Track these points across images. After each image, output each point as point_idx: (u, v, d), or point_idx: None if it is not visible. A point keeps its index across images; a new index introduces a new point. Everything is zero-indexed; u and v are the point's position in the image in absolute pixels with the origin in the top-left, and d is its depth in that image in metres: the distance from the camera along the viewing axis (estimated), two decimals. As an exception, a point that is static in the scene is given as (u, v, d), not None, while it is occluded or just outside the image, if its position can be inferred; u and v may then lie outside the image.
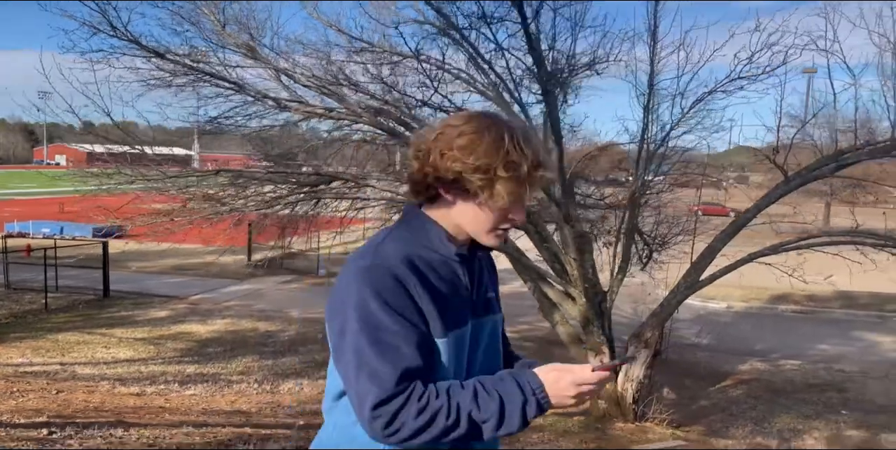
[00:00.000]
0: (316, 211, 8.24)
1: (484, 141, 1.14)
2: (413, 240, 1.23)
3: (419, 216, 1.27)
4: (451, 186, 1.19)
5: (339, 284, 1.18)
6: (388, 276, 1.13)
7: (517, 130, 1.18)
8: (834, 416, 8.64)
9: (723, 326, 14.45)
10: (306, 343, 11.25)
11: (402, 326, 1.12)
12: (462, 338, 1.23)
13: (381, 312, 1.11)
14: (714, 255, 7.29)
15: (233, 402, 6.74)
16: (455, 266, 1.25)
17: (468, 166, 1.14)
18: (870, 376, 10.61)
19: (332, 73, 7.35)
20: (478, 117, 1.21)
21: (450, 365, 1.20)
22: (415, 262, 1.18)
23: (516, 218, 1.24)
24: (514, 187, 1.16)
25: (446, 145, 1.16)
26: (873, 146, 6.94)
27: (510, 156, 1.14)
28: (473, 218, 1.22)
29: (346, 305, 1.14)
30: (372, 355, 1.10)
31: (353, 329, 1.12)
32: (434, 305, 1.17)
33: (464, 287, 1.27)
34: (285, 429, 4.98)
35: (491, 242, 1.26)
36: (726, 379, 10.30)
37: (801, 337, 13.43)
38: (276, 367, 9.71)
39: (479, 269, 1.34)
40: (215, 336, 11.51)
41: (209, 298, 14.94)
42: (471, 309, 1.28)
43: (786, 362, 11.38)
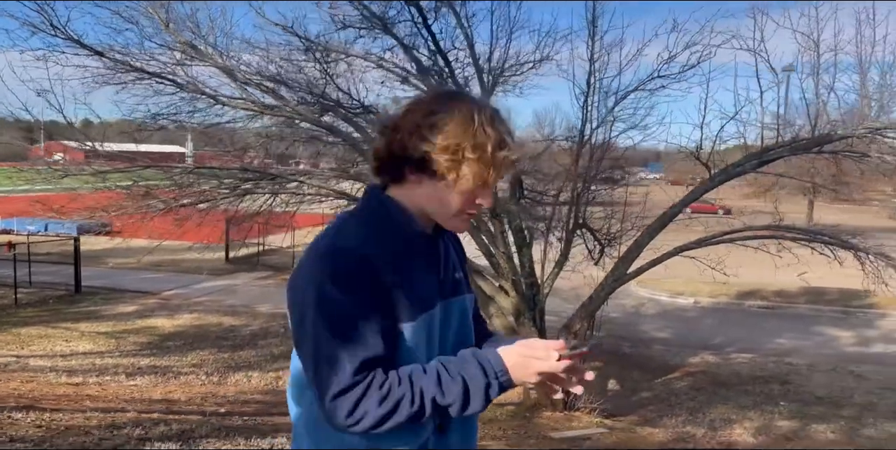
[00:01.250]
0: (272, 207, 8.48)
1: (453, 120, 1.12)
2: (376, 220, 1.20)
3: (382, 197, 1.23)
4: (416, 167, 1.15)
5: (299, 269, 1.14)
6: (348, 258, 1.10)
7: (486, 109, 1.15)
8: (771, 407, 8.83)
9: (686, 321, 14.65)
10: (267, 337, 11.46)
11: (364, 312, 1.09)
12: (431, 321, 1.20)
13: (341, 298, 1.07)
14: (640, 249, 7.47)
15: (169, 392, 6.94)
16: (421, 246, 1.23)
17: (436, 146, 1.11)
18: (817, 369, 10.80)
19: (271, 72, 7.53)
20: (447, 96, 1.20)
21: (419, 349, 1.17)
22: (378, 243, 1.14)
23: (483, 202, 1.21)
24: (481, 169, 1.13)
25: (414, 124, 1.13)
26: (795, 143, 7.13)
27: (478, 136, 1.12)
28: (439, 201, 1.19)
29: (304, 290, 1.10)
30: (331, 344, 1.07)
31: (311, 316, 1.08)
32: (400, 288, 1.13)
33: (431, 268, 1.24)
34: (199, 415, 5.18)
35: (456, 226, 1.24)
36: (674, 371, 10.48)
37: (761, 332, 13.62)
38: (230, 360, 9.91)
39: (445, 248, 1.31)
40: (179, 330, 11.72)
41: (181, 294, 15.16)
42: (439, 291, 1.24)
43: (738, 356, 11.57)
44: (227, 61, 7.61)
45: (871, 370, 10.79)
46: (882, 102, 8.20)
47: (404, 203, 1.21)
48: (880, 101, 8.31)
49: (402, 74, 6.10)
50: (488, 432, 6.25)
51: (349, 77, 8.01)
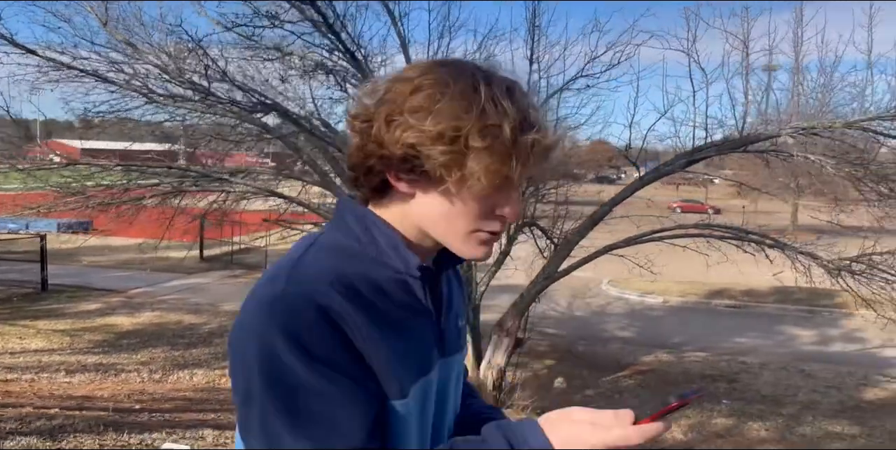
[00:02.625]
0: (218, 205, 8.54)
1: (447, 96, 0.78)
2: (352, 249, 0.87)
3: (361, 213, 0.89)
4: (403, 170, 0.82)
5: (240, 322, 0.81)
6: (307, 308, 0.77)
7: (495, 80, 0.81)
8: (712, 405, 8.87)
9: (650, 320, 14.70)
10: (224, 335, 11.49)
11: (335, 387, 0.76)
12: (427, 390, 0.89)
13: (299, 367, 0.75)
14: (571, 247, 7.51)
15: (98, 389, 7.00)
16: (414, 286, 0.88)
17: (425, 135, 0.78)
18: (768, 367, 10.85)
19: (208, 70, 7.57)
20: (439, 65, 0.83)
21: (412, 432, 0.86)
22: (354, 283, 0.82)
23: (506, 212, 0.85)
24: (495, 162, 0.79)
25: (395, 108, 0.80)
26: (723, 143, 7.17)
27: (487, 116, 0.78)
28: (441, 216, 0.84)
29: (247, 355, 0.78)
30: (287, 437, 0.75)
31: (259, 392, 0.76)
32: (386, 350, 0.81)
33: (428, 315, 0.91)
34: (103, 412, 5.22)
35: (472, 252, 0.87)
36: (625, 370, 10.53)
37: (723, 330, 13.67)
38: (180, 358, 9.95)
39: (448, 287, 0.99)
40: (137, 328, 11.76)
41: (148, 292, 15.20)
42: (438, 346, 0.92)
43: (692, 354, 11.62)
44: (164, 59, 7.67)
45: (821, 369, 10.84)
46: (822, 102, 8.29)
47: (395, 223, 0.88)
48: (821, 101, 8.39)
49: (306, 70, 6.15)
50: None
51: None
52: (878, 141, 7.18)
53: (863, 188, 6.88)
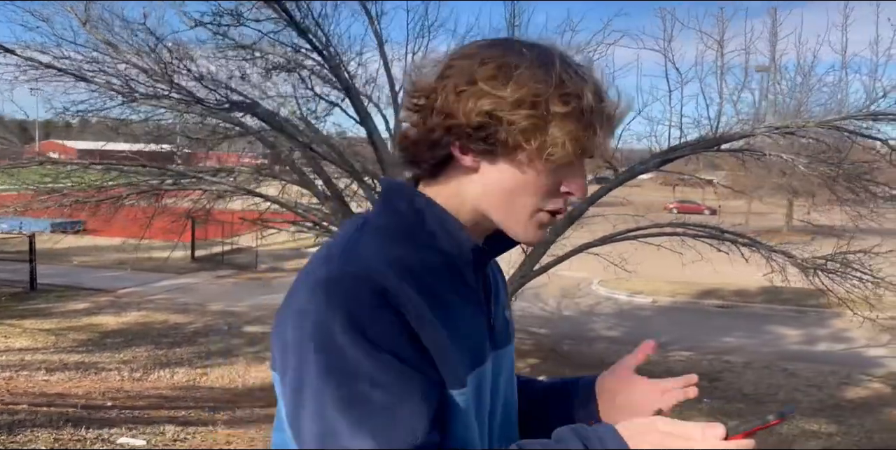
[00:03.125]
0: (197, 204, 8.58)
1: (523, 63, 0.76)
2: (402, 231, 0.83)
3: (410, 194, 0.85)
4: (473, 139, 0.78)
5: (291, 304, 0.76)
6: (367, 290, 0.73)
7: (566, 56, 0.80)
8: (691, 403, 8.87)
9: (639, 320, 14.73)
10: (208, 334, 11.55)
11: (395, 374, 0.72)
12: (482, 383, 0.84)
13: (358, 352, 0.71)
14: (547, 246, 7.53)
15: (73, 387, 7.03)
16: (465, 271, 0.85)
17: (505, 102, 0.75)
18: (751, 366, 10.88)
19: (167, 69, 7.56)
20: (502, 41, 0.83)
21: (472, 425, 0.81)
22: (408, 265, 0.78)
23: (574, 188, 0.83)
24: (579, 128, 0.77)
25: (465, 79, 0.77)
26: (696, 142, 7.21)
27: (565, 84, 0.76)
28: (505, 191, 0.80)
29: (300, 339, 0.73)
30: (344, 427, 0.70)
31: (313, 380, 0.71)
32: (445, 337, 0.77)
33: (479, 304, 0.87)
34: (72, 408, 5.25)
35: (529, 234, 0.84)
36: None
37: (711, 330, 13.69)
38: (163, 357, 9.98)
39: (494, 277, 0.95)
40: (122, 328, 11.79)
41: (137, 292, 15.24)
42: (489, 337, 0.88)
43: (677, 354, 11.64)
44: (145, 60, 7.70)
45: (805, 368, 10.87)
46: (800, 101, 8.31)
47: (447, 205, 0.83)
48: (799, 100, 8.41)
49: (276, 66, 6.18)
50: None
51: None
52: (852, 140, 7.20)
53: (836, 188, 6.91)
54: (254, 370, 9.52)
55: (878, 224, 7.89)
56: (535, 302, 15.19)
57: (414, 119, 0.82)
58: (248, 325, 12.34)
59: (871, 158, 7.62)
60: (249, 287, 16.44)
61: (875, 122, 7.16)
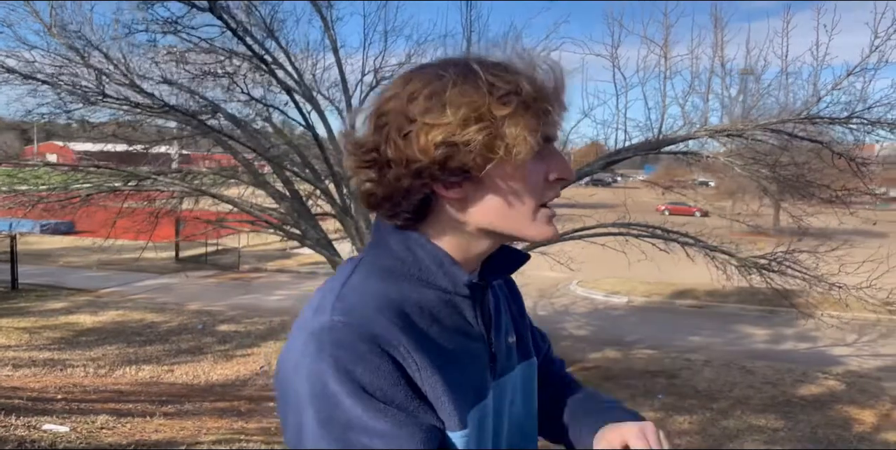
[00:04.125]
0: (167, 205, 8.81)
1: (447, 85, 0.77)
2: (396, 271, 0.83)
3: (401, 233, 0.85)
4: (446, 173, 0.78)
5: (287, 357, 0.78)
6: (357, 339, 0.74)
7: (484, 60, 0.80)
8: (645, 399, 9.11)
9: (610, 319, 14.93)
10: (182, 333, 11.75)
11: (392, 422, 0.73)
12: (483, 418, 0.85)
13: (353, 403, 0.72)
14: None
15: (32, 382, 7.24)
16: (462, 305, 0.86)
17: (452, 126, 0.76)
18: (711, 364, 11.07)
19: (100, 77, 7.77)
20: (418, 69, 0.82)
21: None
22: (401, 308, 0.79)
23: (559, 172, 0.84)
24: (530, 119, 0.78)
25: (401, 122, 0.77)
26: (639, 145, 7.43)
27: (497, 86, 0.77)
28: (504, 203, 0.81)
29: (297, 391, 0.74)
30: None
31: (313, 433, 0.73)
32: (441, 378, 0.78)
33: (478, 336, 0.88)
34: (18, 399, 5.46)
35: (541, 231, 0.84)
36: (570, 366, 10.69)
37: (680, 329, 13.90)
38: (133, 354, 10.20)
39: (495, 303, 0.95)
40: (98, 326, 12.00)
41: (118, 291, 15.45)
42: (490, 369, 0.89)
43: (641, 352, 11.85)
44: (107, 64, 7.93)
45: (764, 366, 11.07)
46: (751, 105, 8.53)
47: (438, 240, 0.85)
48: (751, 104, 8.64)
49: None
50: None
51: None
52: (792, 143, 7.41)
53: (771, 189, 7.11)
54: (219, 367, 9.74)
55: (825, 223, 8.10)
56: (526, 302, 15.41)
57: (371, 176, 0.81)
58: (222, 324, 12.56)
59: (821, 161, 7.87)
60: (230, 287, 16.67)
61: (814, 125, 7.39)
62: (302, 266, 19.15)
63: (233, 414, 6.06)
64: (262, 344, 11.05)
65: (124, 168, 7.13)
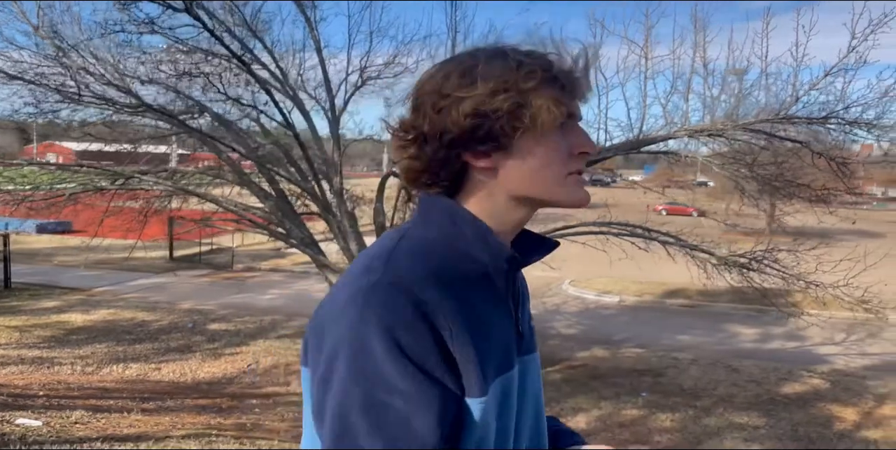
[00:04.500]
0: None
1: (479, 63, 0.84)
2: (441, 243, 0.87)
3: (447, 206, 0.89)
4: (477, 141, 0.84)
5: (330, 309, 0.82)
6: (404, 301, 0.77)
7: (512, 46, 0.87)
8: (629, 397, 9.17)
9: (601, 318, 14.99)
10: (171, 332, 11.82)
11: (417, 386, 0.76)
12: (508, 387, 0.88)
13: (386, 360, 0.75)
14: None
15: (17, 379, 7.30)
16: (497, 279, 0.89)
17: (480, 96, 0.83)
18: (698, 362, 11.13)
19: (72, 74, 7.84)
20: (452, 57, 0.90)
21: (489, 428, 0.85)
22: (445, 277, 0.82)
23: (583, 146, 0.89)
24: (554, 91, 0.84)
25: (439, 97, 0.84)
26: (620, 145, 7.49)
27: (524, 65, 0.83)
28: (534, 168, 0.86)
29: (335, 341, 0.78)
30: (362, 428, 0.75)
31: (341, 380, 0.77)
32: (470, 347, 0.81)
33: (508, 311, 0.91)
34: (1, 396, 5.53)
35: (573, 195, 0.89)
36: (557, 365, 10.81)
37: (670, 328, 13.96)
38: (122, 352, 10.26)
39: (522, 285, 0.99)
40: (88, 325, 12.06)
41: (111, 290, 15.53)
42: (517, 344, 0.92)
43: (629, 351, 11.91)
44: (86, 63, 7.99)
45: (750, 365, 11.13)
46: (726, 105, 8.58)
47: (479, 213, 0.88)
48: (726, 103, 8.70)
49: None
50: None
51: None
52: (772, 143, 7.47)
53: (749, 188, 7.18)
54: (207, 366, 9.81)
55: (802, 222, 8.17)
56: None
57: (411, 152, 0.87)
58: (213, 322, 12.62)
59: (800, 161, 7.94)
60: (223, 286, 16.74)
61: (794, 125, 7.46)
62: (296, 265, 19.21)
63: (213, 411, 6.13)
64: (251, 343, 11.11)
65: (109, 167, 7.19)
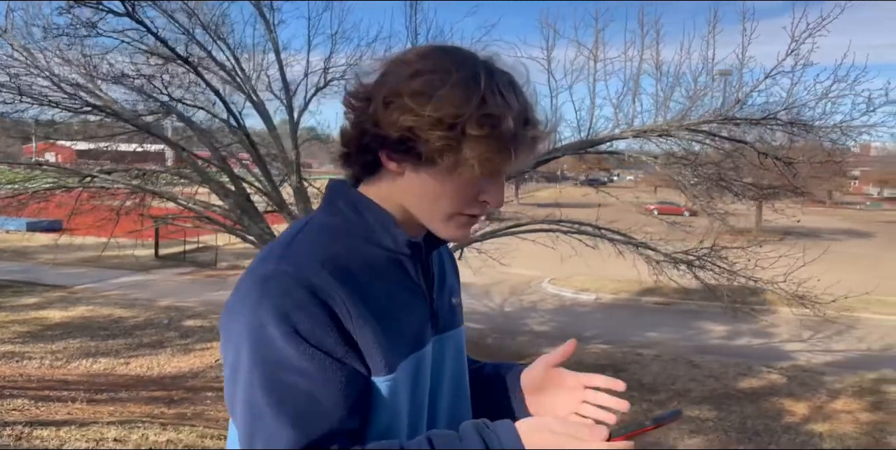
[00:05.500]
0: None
1: (448, 82, 0.82)
2: (343, 229, 0.91)
3: (351, 195, 0.93)
4: (396, 150, 0.85)
5: (233, 299, 0.85)
6: (299, 287, 0.81)
7: (497, 71, 0.85)
8: (586, 392, 9.36)
9: (575, 316, 15.20)
10: (147, 328, 12.03)
11: (318, 365, 0.80)
12: (419, 364, 0.92)
13: (286, 344, 0.79)
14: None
15: (-18, 372, 7.53)
16: (406, 263, 0.93)
17: (424, 120, 0.81)
18: (661, 358, 11.34)
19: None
20: (440, 51, 0.88)
21: (400, 405, 0.89)
22: (344, 263, 0.86)
23: (490, 198, 0.90)
24: (490, 151, 0.82)
25: (393, 90, 0.83)
26: (568, 146, 7.70)
27: (487, 105, 0.81)
28: (426, 197, 0.88)
29: (238, 331, 0.82)
30: (268, 409, 0.79)
31: (245, 367, 0.80)
32: (371, 327, 0.84)
33: (420, 292, 0.95)
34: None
35: (451, 233, 0.92)
36: (522, 360, 11.00)
37: (640, 325, 14.17)
38: (94, 348, 10.47)
39: (440, 264, 1.03)
40: (65, 321, 12.28)
41: (93, 288, 15.74)
42: (431, 322, 0.96)
43: (595, 347, 12.11)
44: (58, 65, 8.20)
45: (712, 360, 11.34)
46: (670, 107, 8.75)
47: (384, 203, 0.92)
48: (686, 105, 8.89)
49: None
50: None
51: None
52: (711, 144, 7.66)
53: (687, 185, 7.38)
54: (175, 360, 10.02)
55: (744, 222, 8.37)
56: (482, 299, 15.71)
57: (351, 118, 0.89)
58: (189, 319, 12.83)
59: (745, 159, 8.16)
60: (205, 284, 16.94)
61: (736, 126, 7.66)
62: (279, 264, 19.41)
63: (163, 402, 6.35)
64: (222, 338, 11.33)
65: (70, 167, 7.41)
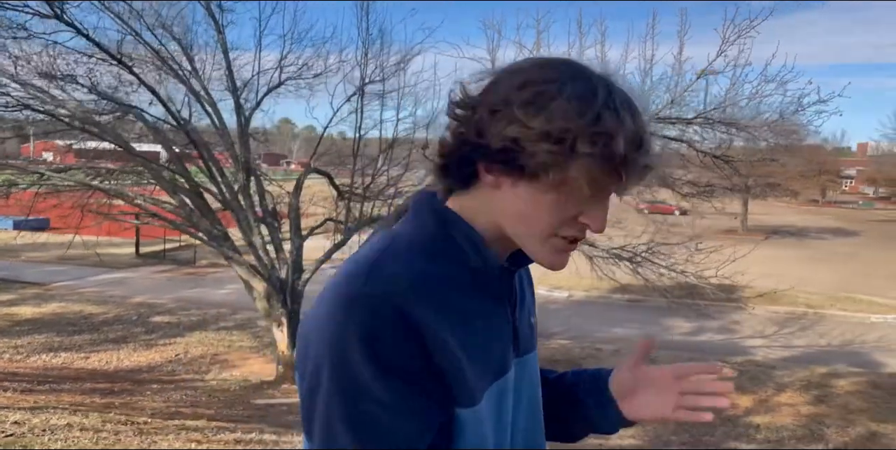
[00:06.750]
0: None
1: (562, 96, 0.76)
2: (430, 247, 0.85)
3: (441, 210, 0.87)
4: (497, 161, 0.80)
5: (314, 318, 0.81)
6: (386, 312, 0.76)
7: (617, 89, 0.79)
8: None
9: (544, 313, 15.20)
10: (114, 324, 12.24)
11: (401, 397, 0.76)
12: (503, 391, 0.88)
13: (367, 371, 0.75)
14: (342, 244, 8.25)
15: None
16: (493, 285, 0.88)
17: (531, 132, 0.76)
18: (619, 353, 11.51)
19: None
20: (556, 62, 0.82)
21: (487, 434, 0.85)
22: (432, 284, 0.81)
23: (591, 221, 0.83)
24: (601, 172, 0.77)
25: (502, 99, 0.79)
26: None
27: (602, 122, 0.75)
28: (522, 213, 0.82)
29: (320, 351, 0.78)
30: (346, 437, 0.76)
31: (325, 390, 0.77)
32: (463, 357, 0.80)
33: (504, 316, 0.91)
34: None
35: (548, 258, 0.85)
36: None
37: (607, 321, 14.34)
38: (59, 343, 10.68)
39: (520, 284, 0.97)
40: (36, 317, 12.49)
41: (70, 285, 15.93)
42: (514, 346, 0.92)
43: (556, 342, 12.29)
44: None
45: (667, 355, 11.45)
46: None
47: (474, 219, 0.86)
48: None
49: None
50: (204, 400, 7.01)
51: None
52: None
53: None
54: (136, 355, 10.22)
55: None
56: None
57: (453, 127, 0.83)
58: (157, 315, 13.03)
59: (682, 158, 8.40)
60: (181, 281, 17.13)
61: (672, 124, 7.86)
62: (258, 261, 19.60)
63: (99, 393, 6.53)
64: (187, 334, 11.52)
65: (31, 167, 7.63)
